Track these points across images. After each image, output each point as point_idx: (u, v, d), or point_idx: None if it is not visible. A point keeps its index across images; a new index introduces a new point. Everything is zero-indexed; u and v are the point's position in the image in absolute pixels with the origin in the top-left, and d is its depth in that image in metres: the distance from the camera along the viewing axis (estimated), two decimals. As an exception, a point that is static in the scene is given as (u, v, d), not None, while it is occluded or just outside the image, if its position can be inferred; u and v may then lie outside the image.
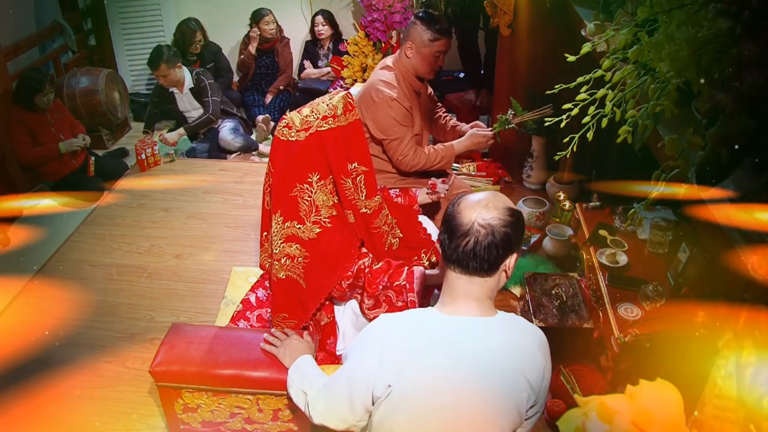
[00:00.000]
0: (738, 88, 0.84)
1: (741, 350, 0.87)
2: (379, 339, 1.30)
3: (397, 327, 1.32)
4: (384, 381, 1.25)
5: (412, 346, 1.26)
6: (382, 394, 1.26)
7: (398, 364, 1.25)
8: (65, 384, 2.24)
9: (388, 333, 1.31)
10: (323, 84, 4.59)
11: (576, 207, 2.63)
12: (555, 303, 2.22)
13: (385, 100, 2.51)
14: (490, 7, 3.15)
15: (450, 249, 1.27)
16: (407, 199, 2.43)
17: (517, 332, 1.31)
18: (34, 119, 3.46)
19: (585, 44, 1.30)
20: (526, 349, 1.28)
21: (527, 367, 1.26)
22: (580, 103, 1.27)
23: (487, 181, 3.40)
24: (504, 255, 1.27)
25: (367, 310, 1.99)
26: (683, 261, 1.96)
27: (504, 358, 1.25)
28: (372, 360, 1.27)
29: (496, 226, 1.25)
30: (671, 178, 1.10)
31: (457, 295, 1.30)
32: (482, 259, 1.25)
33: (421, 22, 2.51)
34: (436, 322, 1.30)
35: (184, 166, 3.90)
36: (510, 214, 1.27)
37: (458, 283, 1.29)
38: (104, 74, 4.12)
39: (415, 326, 1.31)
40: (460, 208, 1.28)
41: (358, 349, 1.34)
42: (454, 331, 1.27)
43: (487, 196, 1.30)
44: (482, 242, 1.24)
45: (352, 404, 1.32)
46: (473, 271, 1.26)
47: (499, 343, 1.27)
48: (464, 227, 1.25)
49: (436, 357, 1.25)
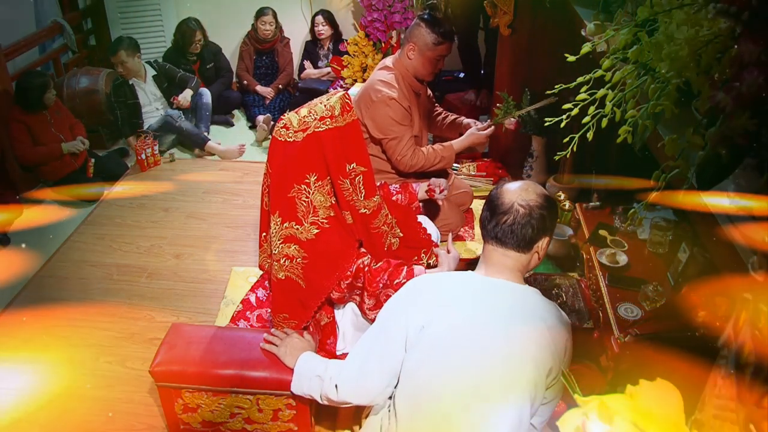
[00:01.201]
0: (738, 88, 0.84)
1: (741, 350, 0.87)
2: (416, 286, 1.46)
3: (435, 279, 1.47)
4: (419, 321, 1.36)
5: (447, 294, 1.41)
6: (415, 335, 1.36)
7: (432, 306, 1.38)
8: (65, 384, 2.24)
9: (424, 282, 1.47)
10: (323, 84, 4.59)
11: (576, 207, 2.63)
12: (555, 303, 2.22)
13: (383, 99, 2.51)
14: (490, 7, 3.15)
15: (490, 225, 1.42)
16: (407, 195, 2.43)
17: (543, 303, 1.43)
18: (34, 119, 3.46)
19: (585, 44, 1.30)
20: (551, 318, 1.38)
21: (551, 331, 1.35)
22: (580, 103, 1.27)
23: (487, 181, 3.40)
24: (538, 235, 1.41)
25: (368, 310, 1.99)
26: (683, 261, 1.96)
27: (530, 319, 1.36)
28: (409, 304, 1.41)
29: (534, 207, 1.39)
30: (671, 178, 1.10)
31: (492, 264, 1.44)
32: (518, 236, 1.39)
33: (426, 24, 2.50)
34: (471, 278, 1.45)
35: (184, 166, 3.90)
36: (546, 200, 1.43)
37: (494, 254, 1.43)
38: (104, 74, 4.12)
39: (453, 280, 1.46)
40: (502, 191, 1.44)
41: (393, 300, 1.47)
42: (487, 287, 1.41)
43: (527, 182, 1.46)
44: (520, 221, 1.38)
45: (382, 362, 1.41)
46: (509, 246, 1.40)
47: (528, 306, 1.39)
48: (505, 206, 1.40)
49: (469, 305, 1.37)
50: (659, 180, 1.11)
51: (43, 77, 3.46)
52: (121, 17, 4.64)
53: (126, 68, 4.03)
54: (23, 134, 3.42)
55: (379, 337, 1.44)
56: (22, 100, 3.43)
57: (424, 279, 1.50)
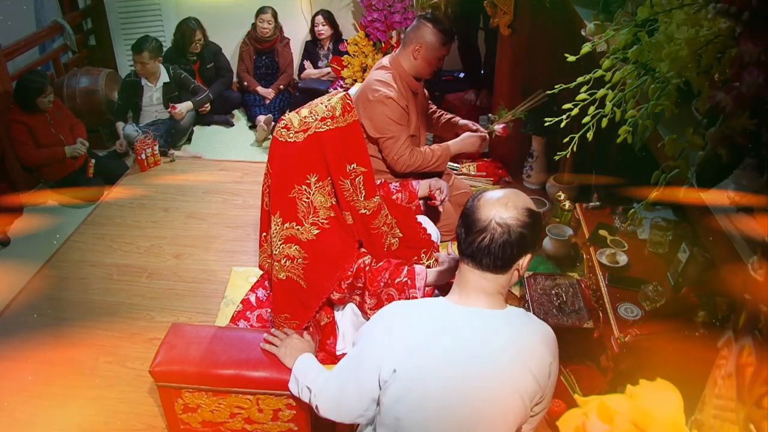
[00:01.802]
0: (738, 88, 0.84)
1: (741, 350, 0.87)
2: (389, 323, 1.32)
3: (407, 312, 1.33)
4: (390, 365, 1.26)
5: (419, 332, 1.28)
6: (388, 377, 1.27)
7: (405, 348, 1.26)
8: (65, 384, 2.24)
9: (397, 318, 1.33)
10: (323, 84, 4.59)
11: (576, 207, 2.63)
12: (555, 303, 2.22)
13: (380, 98, 2.51)
14: (490, 7, 3.15)
15: (465, 243, 1.29)
16: (407, 193, 2.43)
17: (524, 327, 1.31)
18: (34, 120, 3.46)
19: (585, 44, 1.30)
20: (532, 345, 1.28)
21: (532, 361, 1.26)
22: (580, 103, 1.27)
23: (487, 181, 3.40)
24: (518, 255, 1.28)
25: (369, 310, 1.99)
26: (683, 261, 1.96)
27: (509, 351, 1.26)
28: (380, 343, 1.29)
29: (513, 226, 1.25)
30: (671, 178, 1.10)
31: (468, 288, 1.31)
32: (496, 257, 1.26)
33: (433, 25, 2.50)
34: (445, 310, 1.31)
35: (184, 166, 3.89)
36: (528, 215, 1.27)
37: (470, 276, 1.30)
38: (104, 74, 4.12)
39: (424, 313, 1.32)
40: (479, 204, 1.29)
41: (367, 333, 1.35)
42: (463, 321, 1.28)
43: (508, 194, 1.30)
44: (498, 240, 1.25)
45: (359, 390, 1.33)
46: (486, 267, 1.28)
47: (506, 336, 1.27)
48: (481, 223, 1.26)
49: (443, 344, 1.26)
50: (659, 180, 1.12)
51: (39, 81, 3.43)
52: (121, 17, 4.64)
53: (145, 68, 4.03)
54: (24, 135, 3.42)
55: (354, 368, 1.36)
56: (19, 100, 3.43)
57: (394, 314, 1.35)
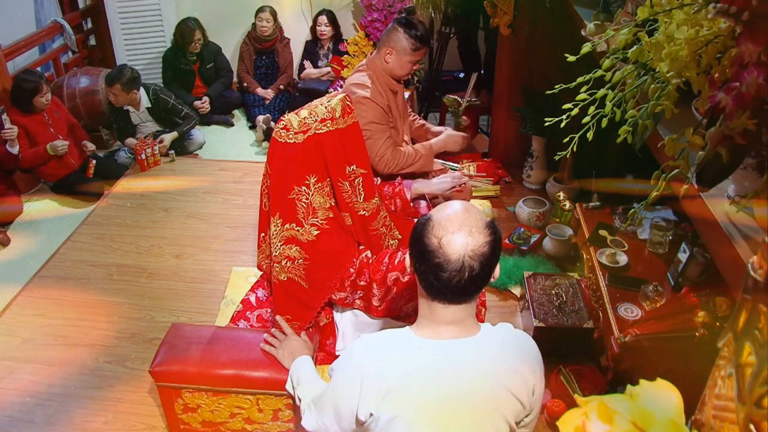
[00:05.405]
0: (738, 88, 0.84)
1: (741, 350, 0.87)
2: (358, 369, 1.24)
3: (375, 356, 1.25)
4: (366, 410, 1.21)
5: (391, 374, 1.20)
6: (365, 419, 1.22)
7: (377, 394, 1.20)
8: (65, 384, 2.24)
9: (365, 363, 1.24)
10: (323, 84, 4.59)
11: (576, 207, 2.63)
12: (555, 303, 2.22)
13: (357, 100, 2.49)
14: (490, 7, 3.15)
15: (439, 284, 1.17)
16: (399, 200, 2.45)
17: (502, 348, 1.25)
18: (32, 121, 3.45)
19: (585, 44, 1.30)
20: (513, 366, 1.23)
21: (510, 381, 1.21)
22: (580, 103, 1.27)
23: (487, 180, 3.40)
24: (491, 273, 1.22)
25: (378, 301, 1.97)
26: (683, 261, 1.97)
27: (489, 378, 1.20)
28: (352, 391, 1.23)
29: (486, 253, 1.16)
30: (671, 178, 1.10)
31: (438, 322, 1.23)
32: (474, 290, 1.20)
33: (404, 29, 2.47)
34: (415, 348, 1.23)
35: (184, 166, 3.90)
36: (491, 232, 1.18)
37: (441, 311, 1.22)
38: (104, 74, 4.11)
39: (396, 353, 1.24)
40: (442, 243, 1.16)
41: (338, 371, 1.29)
42: (434, 357, 1.21)
43: (462, 217, 1.18)
44: (477, 275, 1.16)
45: (340, 423, 1.29)
46: (463, 301, 1.21)
47: (484, 364, 1.22)
48: (453, 265, 1.15)
49: (415, 385, 1.20)
50: (659, 180, 1.11)
51: (34, 80, 3.38)
52: (121, 17, 4.64)
53: (117, 100, 3.86)
54: (21, 138, 3.40)
55: (332, 402, 1.29)
56: (16, 101, 3.42)
57: (366, 352, 1.26)
